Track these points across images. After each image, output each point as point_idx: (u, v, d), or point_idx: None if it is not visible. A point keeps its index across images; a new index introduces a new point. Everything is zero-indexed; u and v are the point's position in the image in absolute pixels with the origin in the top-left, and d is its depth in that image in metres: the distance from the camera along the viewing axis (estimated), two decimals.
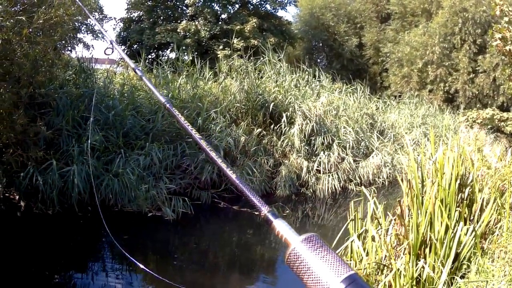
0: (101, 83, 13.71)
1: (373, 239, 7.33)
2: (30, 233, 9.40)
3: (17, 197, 10.39)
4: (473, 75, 28.81)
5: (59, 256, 8.57)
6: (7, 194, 10.53)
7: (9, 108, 9.33)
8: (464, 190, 7.16)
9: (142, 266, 3.93)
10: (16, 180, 10.17)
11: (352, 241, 7.81)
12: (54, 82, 11.78)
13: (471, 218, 7.02)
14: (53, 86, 11.54)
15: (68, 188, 10.33)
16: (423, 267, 5.89)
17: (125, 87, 13.96)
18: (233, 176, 1.25)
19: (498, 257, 5.94)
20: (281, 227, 1.09)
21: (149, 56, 29.52)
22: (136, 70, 2.47)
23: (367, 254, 7.33)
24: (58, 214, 10.05)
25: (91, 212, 10.58)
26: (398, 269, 5.86)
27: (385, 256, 6.98)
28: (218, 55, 25.39)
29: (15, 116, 9.61)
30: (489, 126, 25.90)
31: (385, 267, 6.69)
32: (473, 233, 6.11)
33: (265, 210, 1.13)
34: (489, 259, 5.93)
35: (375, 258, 7.05)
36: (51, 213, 10.05)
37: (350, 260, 7.73)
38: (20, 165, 10.16)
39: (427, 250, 6.28)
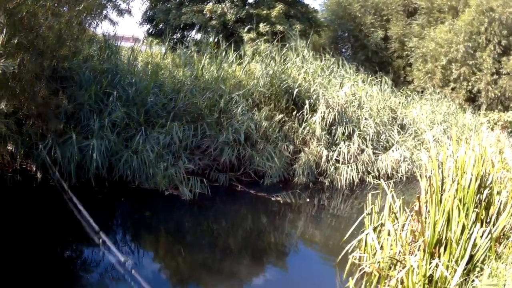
0: (125, 60, 13.70)
1: (388, 233, 7.31)
2: (45, 204, 9.46)
3: (34, 168, 10.43)
4: (497, 76, 28.47)
5: (71, 229, 8.61)
6: (24, 165, 10.59)
7: (31, 79, 9.34)
8: (483, 191, 7.10)
9: None
10: (35, 152, 10.20)
11: (367, 234, 7.79)
12: (78, 57, 11.78)
13: (488, 220, 6.96)
14: (77, 61, 11.55)
15: (86, 162, 10.38)
16: (436, 265, 5.85)
17: (148, 65, 13.92)
18: None
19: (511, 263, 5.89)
20: None
21: (174, 36, 29.46)
22: None
23: (382, 248, 7.31)
24: (74, 188, 10.08)
25: (107, 187, 10.64)
26: (412, 266, 5.82)
27: (399, 251, 6.95)
28: (243, 38, 25.26)
29: (37, 88, 9.63)
30: (510, 130, 25.61)
31: (399, 263, 6.66)
32: (489, 235, 6.05)
33: None
34: (502, 263, 5.88)
35: (389, 253, 7.03)
36: (67, 186, 10.09)
37: (364, 253, 7.72)
38: (40, 137, 10.21)
39: (441, 249, 6.24)
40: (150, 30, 32.27)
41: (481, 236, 6.07)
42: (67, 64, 10.85)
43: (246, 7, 30.29)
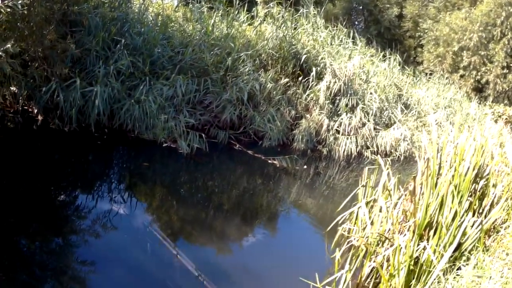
0: (136, 10, 13.61)
1: (380, 210, 7.35)
2: (43, 147, 9.51)
3: (35, 111, 10.45)
4: (507, 70, 28.47)
5: (68, 173, 8.66)
6: (26, 107, 10.60)
7: (41, 22, 9.30)
8: (479, 181, 7.11)
9: None
10: (37, 94, 10.23)
11: (359, 207, 7.83)
12: (89, 2, 11.71)
13: (480, 211, 6.98)
14: (87, 6, 11.47)
15: (88, 107, 10.41)
16: (424, 248, 5.88)
17: (159, 17, 13.83)
18: None
19: (499, 257, 5.91)
20: None
21: None
22: None
23: (372, 224, 7.36)
24: (74, 132, 10.14)
25: (107, 134, 10.67)
26: (400, 245, 5.86)
27: (389, 229, 7.00)
28: (257, 0, 25.14)
29: (46, 31, 9.60)
30: None
31: (387, 240, 6.70)
32: (480, 226, 6.07)
33: None
34: (489, 256, 5.91)
35: (379, 229, 7.07)
36: (67, 130, 10.15)
37: (354, 226, 7.77)
38: (44, 80, 10.21)
39: (431, 233, 6.28)
40: None
41: (472, 226, 6.09)
42: (77, 8, 10.78)
43: None
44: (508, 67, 28.45)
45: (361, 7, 36.72)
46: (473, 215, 6.38)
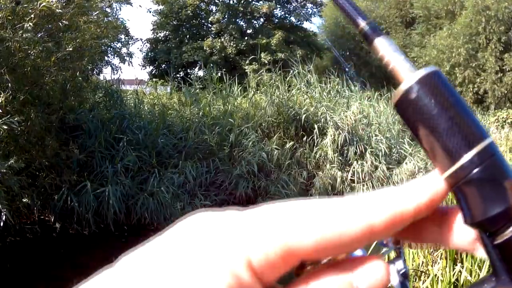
0: (132, 104, 13.83)
1: (410, 246, 7.32)
2: (66, 253, 9.50)
3: (52, 218, 10.51)
4: (501, 74, 28.63)
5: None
6: (42, 216, 10.67)
7: (41, 132, 9.46)
8: None
9: None
10: (51, 202, 10.29)
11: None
12: (84, 105, 11.94)
13: None
14: (83, 110, 11.68)
15: (104, 208, 10.45)
16: (460, 271, 5.84)
17: (155, 107, 14.02)
18: None
19: None
20: (387, 50, 0.58)
21: (178, 75, 29.68)
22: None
23: (404, 261, 7.31)
24: (94, 234, 10.16)
25: (127, 231, 10.68)
26: (436, 275, 5.82)
27: (422, 262, 6.95)
28: (246, 71, 25.37)
29: (47, 141, 9.73)
30: None
31: (423, 273, 6.65)
32: None
33: (362, 22, 0.57)
34: None
35: (413, 265, 7.02)
36: (87, 234, 10.17)
37: None
38: (55, 188, 10.30)
39: (464, 254, 6.24)
40: (153, 71, 32.57)
41: None
42: (73, 116, 10.95)
43: (245, 38, 30.49)
44: (501, 71, 28.62)
45: (348, 53, 37.12)
46: None
